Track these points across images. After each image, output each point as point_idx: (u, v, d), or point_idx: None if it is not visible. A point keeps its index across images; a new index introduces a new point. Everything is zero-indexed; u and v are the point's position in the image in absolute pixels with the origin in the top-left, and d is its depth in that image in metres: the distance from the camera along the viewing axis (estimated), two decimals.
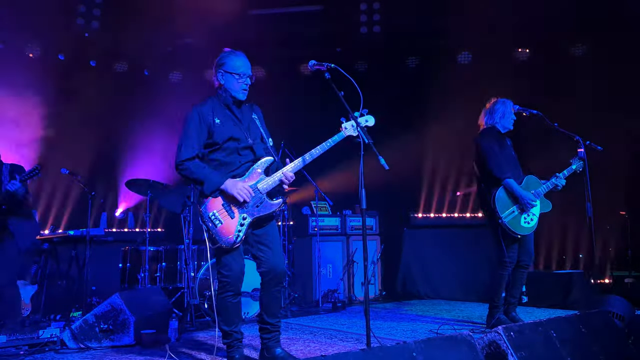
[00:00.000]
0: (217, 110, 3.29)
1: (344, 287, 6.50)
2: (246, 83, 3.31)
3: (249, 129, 3.35)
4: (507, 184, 4.33)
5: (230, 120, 3.30)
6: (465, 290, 6.46)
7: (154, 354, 3.78)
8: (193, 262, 5.37)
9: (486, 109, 4.63)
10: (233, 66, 3.29)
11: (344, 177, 6.49)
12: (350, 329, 4.69)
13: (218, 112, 3.28)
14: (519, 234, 4.33)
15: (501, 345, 2.57)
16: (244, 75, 3.29)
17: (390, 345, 2.35)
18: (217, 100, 3.33)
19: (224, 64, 3.30)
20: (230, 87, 3.30)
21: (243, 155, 3.29)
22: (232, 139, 3.25)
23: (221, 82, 3.31)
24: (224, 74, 3.29)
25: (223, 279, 3.24)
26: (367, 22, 7.76)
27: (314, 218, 6.43)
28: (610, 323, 3.16)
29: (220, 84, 3.32)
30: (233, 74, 3.28)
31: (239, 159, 3.28)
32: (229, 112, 3.31)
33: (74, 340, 3.96)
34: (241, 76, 3.29)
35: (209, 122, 3.23)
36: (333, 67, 3.13)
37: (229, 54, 3.33)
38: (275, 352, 3.30)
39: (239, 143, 3.27)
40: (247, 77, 3.30)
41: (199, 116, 3.24)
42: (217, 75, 3.33)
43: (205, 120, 3.23)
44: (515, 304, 4.58)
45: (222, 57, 3.33)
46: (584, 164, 4.27)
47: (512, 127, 4.59)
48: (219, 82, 3.32)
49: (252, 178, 3.26)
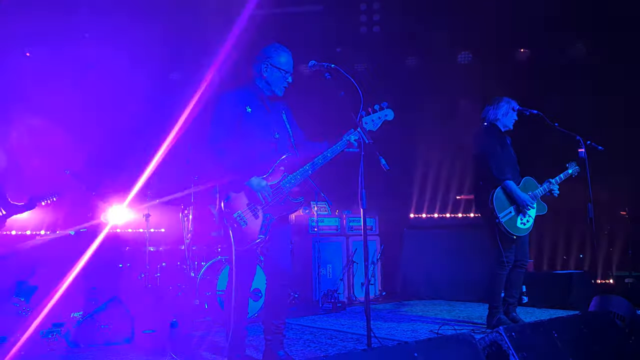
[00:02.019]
0: (251, 100, 3.25)
1: (344, 287, 6.49)
2: (288, 81, 3.32)
3: (278, 124, 3.31)
4: (506, 185, 4.33)
5: (262, 112, 3.26)
6: (466, 291, 6.45)
7: (154, 354, 3.78)
8: (193, 262, 5.37)
9: (490, 105, 4.63)
10: (280, 62, 3.28)
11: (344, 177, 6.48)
12: (350, 329, 4.68)
13: (251, 101, 3.24)
14: (515, 234, 4.34)
15: (502, 346, 2.56)
16: (288, 72, 3.30)
17: (391, 346, 2.35)
18: (253, 90, 3.30)
19: (271, 57, 3.28)
20: (272, 82, 3.29)
21: (268, 150, 3.23)
22: (259, 131, 3.20)
23: (264, 74, 3.28)
24: (269, 67, 3.27)
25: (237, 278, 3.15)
26: (367, 22, 7.76)
27: (314, 218, 6.43)
28: (611, 323, 3.16)
29: (262, 75, 3.28)
30: (280, 69, 3.27)
31: (264, 154, 3.21)
32: (262, 104, 3.27)
33: (75, 340, 3.96)
34: (286, 73, 3.29)
35: (240, 110, 3.19)
36: (333, 67, 3.12)
37: (278, 49, 3.32)
38: (277, 354, 3.28)
39: (265, 137, 3.23)
40: (289, 75, 3.31)
41: (234, 99, 3.21)
42: (260, 66, 3.29)
43: (238, 107, 3.19)
44: (515, 304, 4.59)
45: (270, 50, 3.31)
46: (585, 163, 4.27)
47: (512, 127, 4.60)
48: (262, 74, 3.28)
49: (275, 176, 3.21)
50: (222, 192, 3.16)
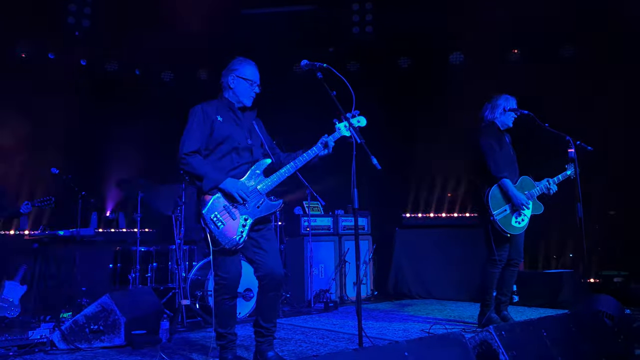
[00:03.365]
0: (221, 111, 3.38)
1: (336, 287, 6.49)
2: (255, 91, 3.44)
3: (250, 132, 3.43)
4: (503, 183, 4.35)
5: (232, 121, 3.38)
6: (457, 290, 6.48)
7: (144, 355, 3.76)
8: (184, 262, 5.35)
9: (488, 103, 4.64)
10: (245, 73, 3.41)
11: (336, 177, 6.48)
12: (342, 329, 4.69)
13: (222, 112, 3.37)
14: (509, 233, 4.35)
15: (492, 345, 2.58)
16: (254, 82, 3.42)
17: (382, 345, 2.35)
18: (222, 103, 3.43)
19: (236, 69, 3.42)
20: (239, 92, 3.41)
21: (242, 156, 3.34)
22: (231, 137, 3.31)
23: (231, 85, 3.41)
24: (236, 79, 3.40)
25: (221, 281, 3.24)
26: (359, 22, 7.76)
27: (306, 218, 6.42)
28: (599, 322, 3.19)
29: (230, 87, 3.41)
30: (246, 79, 3.40)
31: (238, 159, 3.33)
32: (232, 114, 3.40)
33: (64, 341, 3.93)
34: (252, 83, 3.42)
35: (211, 119, 3.31)
36: (325, 67, 3.14)
37: (242, 61, 3.46)
38: (268, 356, 3.30)
39: (238, 143, 3.33)
40: (256, 85, 3.43)
41: (203, 112, 3.32)
42: (227, 79, 3.42)
43: (209, 117, 3.31)
44: (507, 302, 4.60)
45: (235, 63, 3.45)
46: (574, 163, 4.29)
47: (512, 125, 4.60)
48: (229, 85, 3.41)
49: (251, 179, 3.30)
50: (200, 195, 3.23)
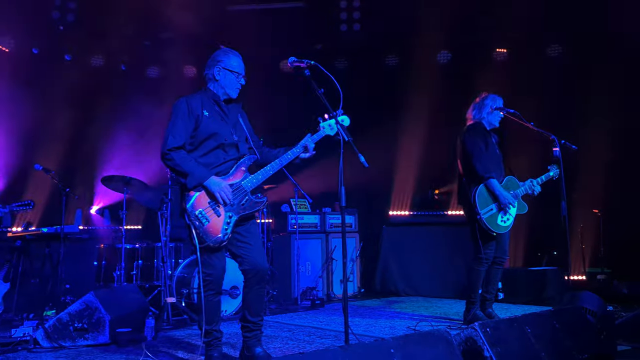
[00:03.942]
0: (206, 104, 3.31)
1: (322, 284, 6.50)
2: (241, 82, 3.39)
3: (235, 127, 3.38)
4: (489, 183, 4.39)
5: (218, 115, 3.33)
6: (443, 287, 6.53)
7: (129, 353, 3.73)
8: (170, 259, 5.31)
9: (475, 103, 4.66)
10: (231, 64, 3.36)
11: (323, 174, 6.49)
12: (328, 326, 4.69)
13: (207, 105, 3.31)
14: (495, 231, 4.40)
15: (477, 341, 2.60)
16: (240, 74, 3.38)
17: (368, 342, 2.36)
18: (207, 95, 3.36)
19: (222, 60, 3.36)
20: (226, 84, 3.36)
21: (228, 152, 3.31)
22: (217, 134, 3.27)
23: (217, 77, 3.35)
24: (222, 70, 3.35)
25: (206, 277, 3.23)
26: (347, 20, 7.76)
27: (293, 216, 6.42)
28: (582, 319, 3.23)
29: (215, 79, 3.35)
30: (232, 71, 3.35)
31: (224, 155, 3.29)
32: (217, 108, 3.35)
33: (48, 340, 3.89)
34: (238, 75, 3.37)
35: (197, 114, 3.25)
36: (313, 64, 3.13)
37: (227, 52, 3.40)
38: (255, 352, 3.29)
39: (225, 139, 3.29)
40: (242, 77, 3.38)
41: (188, 106, 3.26)
42: (212, 71, 3.35)
43: (194, 112, 3.25)
44: (492, 300, 4.65)
45: (220, 54, 3.39)
46: (560, 162, 4.34)
47: (498, 125, 4.64)
48: (215, 77, 3.35)
49: (236, 176, 3.27)
50: (185, 191, 3.19)
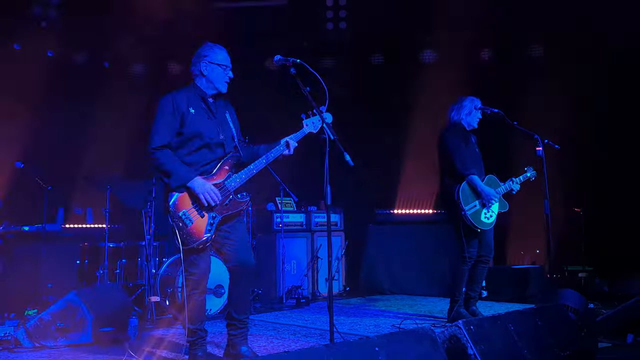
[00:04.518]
0: (192, 101, 3.26)
1: (308, 283, 6.50)
2: (229, 76, 3.34)
3: (222, 125, 3.34)
4: (470, 180, 4.45)
5: (205, 112, 3.28)
6: (428, 285, 6.56)
7: (112, 353, 3.70)
8: (154, 258, 5.27)
9: (454, 104, 4.74)
10: (217, 58, 3.31)
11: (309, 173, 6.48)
12: (313, 324, 4.70)
13: (193, 102, 3.26)
14: (479, 227, 4.46)
15: (461, 339, 2.62)
16: (228, 67, 3.33)
17: (353, 341, 2.36)
18: (193, 91, 3.31)
19: (207, 55, 3.31)
20: (214, 79, 3.30)
21: (214, 151, 3.27)
22: (203, 132, 3.22)
23: (204, 73, 3.29)
24: (208, 65, 3.29)
25: (190, 276, 3.20)
26: (333, 18, 7.75)
27: (279, 214, 6.40)
28: (564, 316, 3.27)
29: (202, 74, 3.30)
30: (219, 65, 3.30)
31: (210, 154, 3.25)
32: (203, 105, 3.29)
33: (29, 339, 3.84)
34: (225, 68, 3.32)
35: (182, 111, 3.20)
36: (299, 62, 3.12)
37: (213, 47, 3.35)
38: (240, 350, 3.28)
39: (210, 139, 3.24)
40: (229, 70, 3.34)
41: (173, 103, 3.20)
42: (199, 66, 3.30)
43: (179, 109, 3.20)
44: (476, 298, 4.69)
45: (205, 49, 3.34)
46: (542, 161, 4.40)
47: (477, 126, 4.72)
48: (202, 73, 3.30)
49: (220, 175, 3.24)
50: (168, 191, 3.16)
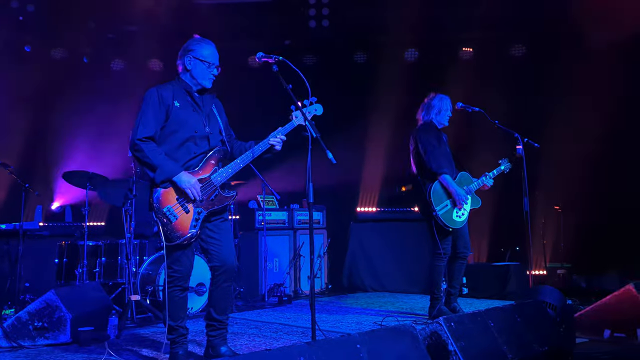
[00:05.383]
0: (178, 95, 3.22)
1: (290, 281, 6.49)
2: (213, 73, 3.30)
3: (208, 118, 3.30)
4: (443, 179, 4.50)
5: (190, 106, 3.24)
6: (409, 283, 6.61)
7: (92, 352, 3.65)
8: (134, 256, 5.21)
9: (424, 104, 4.77)
10: (203, 54, 3.26)
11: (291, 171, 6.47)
12: (295, 322, 4.70)
13: (178, 96, 3.22)
14: (451, 227, 4.51)
15: (442, 336, 2.64)
16: (213, 64, 3.28)
17: (335, 338, 2.37)
18: (179, 85, 3.27)
19: (193, 50, 3.26)
20: (197, 74, 3.26)
21: (199, 145, 3.22)
22: (189, 125, 3.19)
23: (188, 67, 3.26)
24: (193, 60, 3.25)
25: (173, 273, 3.17)
26: (316, 16, 7.74)
27: (261, 212, 6.38)
28: (543, 312, 3.32)
29: (186, 69, 3.26)
30: (203, 61, 3.25)
31: (195, 148, 3.21)
32: (189, 99, 3.25)
33: (6, 339, 3.77)
34: (210, 65, 3.27)
35: (167, 104, 3.16)
36: (281, 59, 3.10)
37: (200, 42, 3.30)
38: (220, 350, 3.25)
39: (195, 132, 3.20)
40: (215, 67, 3.29)
41: (159, 97, 3.16)
42: (183, 60, 3.27)
43: (164, 101, 3.16)
44: (456, 294, 4.74)
45: (192, 43, 3.29)
46: (522, 159, 4.45)
47: (447, 124, 4.75)
48: (186, 67, 3.26)
49: (205, 170, 3.20)
50: (153, 186, 3.12)
